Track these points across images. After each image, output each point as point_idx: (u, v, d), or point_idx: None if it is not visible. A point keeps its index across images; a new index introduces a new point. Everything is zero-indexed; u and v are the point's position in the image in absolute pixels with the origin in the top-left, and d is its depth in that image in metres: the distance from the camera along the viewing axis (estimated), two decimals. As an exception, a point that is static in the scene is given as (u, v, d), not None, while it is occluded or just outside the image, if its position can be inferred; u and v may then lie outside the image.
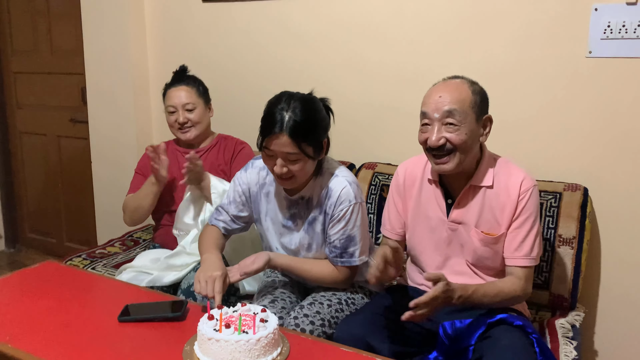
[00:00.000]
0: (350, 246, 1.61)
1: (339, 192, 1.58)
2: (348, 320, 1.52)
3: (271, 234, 1.72)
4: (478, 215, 1.54)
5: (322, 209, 1.62)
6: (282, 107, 1.49)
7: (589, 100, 1.88)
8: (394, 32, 2.18)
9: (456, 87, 1.48)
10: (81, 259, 2.20)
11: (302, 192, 1.64)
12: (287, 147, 1.48)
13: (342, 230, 1.59)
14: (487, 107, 1.53)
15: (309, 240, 1.66)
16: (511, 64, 1.98)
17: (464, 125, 1.45)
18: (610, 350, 1.98)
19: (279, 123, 1.47)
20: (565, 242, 1.81)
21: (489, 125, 1.53)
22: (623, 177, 1.87)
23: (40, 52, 3.28)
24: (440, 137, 1.46)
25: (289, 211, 1.67)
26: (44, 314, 1.44)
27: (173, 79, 2.14)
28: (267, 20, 2.45)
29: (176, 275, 1.90)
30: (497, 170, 1.55)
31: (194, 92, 2.11)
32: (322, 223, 1.63)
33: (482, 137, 1.51)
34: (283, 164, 1.50)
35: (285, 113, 1.47)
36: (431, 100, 1.49)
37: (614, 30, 1.80)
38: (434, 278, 1.37)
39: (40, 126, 3.41)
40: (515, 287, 1.50)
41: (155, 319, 1.40)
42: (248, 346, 1.18)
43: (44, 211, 3.54)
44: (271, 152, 1.51)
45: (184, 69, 2.17)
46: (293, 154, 1.48)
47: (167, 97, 2.11)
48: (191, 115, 2.08)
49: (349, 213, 1.58)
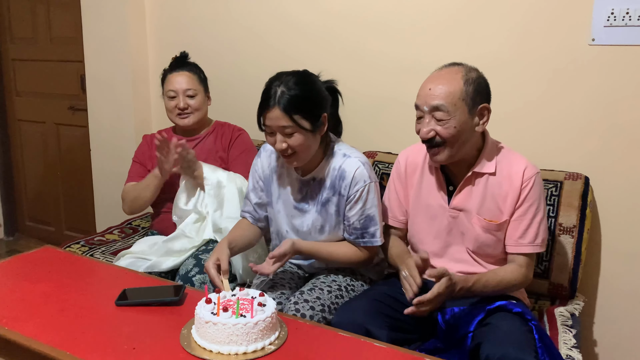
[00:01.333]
0: (370, 226, 1.62)
1: (352, 173, 1.58)
2: (347, 306, 1.51)
3: (282, 217, 1.71)
4: (480, 203, 1.53)
5: (335, 190, 1.62)
6: (276, 83, 1.52)
7: (591, 88, 1.87)
8: (394, 22, 2.16)
9: (448, 79, 1.46)
10: (79, 245, 2.19)
11: (314, 172, 1.64)
12: (281, 120, 1.49)
13: (361, 210, 1.60)
14: (484, 96, 1.49)
15: (322, 222, 1.65)
16: (513, 51, 1.96)
17: (453, 119, 1.44)
18: (609, 339, 1.98)
19: (272, 97, 1.50)
20: (566, 231, 1.80)
21: (486, 114, 1.50)
22: (624, 166, 1.86)
23: (40, 39, 3.26)
24: (429, 130, 1.47)
25: (300, 193, 1.67)
26: (41, 298, 1.44)
27: (173, 64, 2.11)
28: (266, 10, 2.43)
29: (174, 261, 1.89)
30: (500, 158, 1.54)
31: (196, 78, 2.10)
32: (337, 204, 1.63)
33: (478, 127, 1.49)
34: (282, 139, 1.52)
35: (278, 88, 1.50)
36: (422, 93, 1.49)
37: (617, 17, 1.78)
38: (438, 275, 1.38)
39: (39, 114, 3.39)
40: (516, 275, 1.50)
41: (153, 303, 1.40)
42: (245, 330, 1.17)
43: (43, 199, 3.53)
44: (269, 128, 1.53)
45: (185, 55, 2.15)
46: (288, 127, 1.50)
47: (167, 81, 2.09)
48: (192, 101, 2.07)
49: (365, 193, 1.59)
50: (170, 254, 1.90)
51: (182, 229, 1.95)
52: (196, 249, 1.95)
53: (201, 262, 1.84)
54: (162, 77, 2.14)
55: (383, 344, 1.28)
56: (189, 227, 1.95)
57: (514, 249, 1.53)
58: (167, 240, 1.93)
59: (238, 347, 1.17)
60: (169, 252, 1.91)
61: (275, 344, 1.22)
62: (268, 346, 1.20)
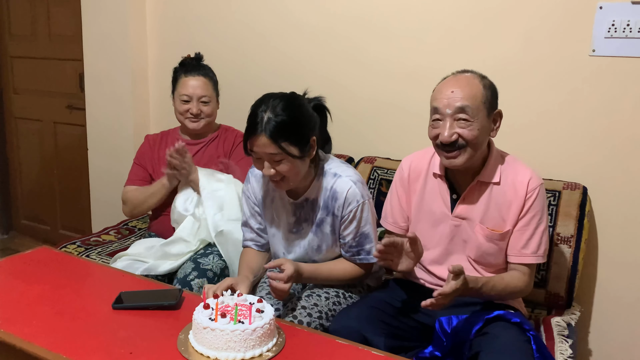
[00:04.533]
0: (365, 243, 1.61)
1: (344, 193, 1.56)
2: (344, 313, 1.51)
3: (278, 240, 1.69)
4: (484, 212, 1.53)
5: (329, 211, 1.60)
6: (262, 108, 1.45)
7: (591, 99, 1.88)
8: (397, 28, 2.16)
9: (467, 82, 1.47)
10: (75, 246, 2.18)
11: (306, 194, 1.62)
12: (268, 148, 1.44)
13: (355, 229, 1.59)
14: (497, 102, 1.52)
15: (318, 242, 1.64)
16: (514, 61, 1.97)
17: (477, 121, 1.44)
18: (605, 349, 1.98)
19: (258, 124, 1.44)
20: (563, 241, 1.80)
21: (499, 120, 1.52)
22: (623, 177, 1.87)
23: (38, 37, 3.25)
24: (452, 133, 1.45)
25: (294, 216, 1.64)
26: (37, 299, 1.43)
27: (189, 66, 2.06)
28: (269, 11, 2.43)
29: (172, 264, 1.88)
30: (505, 167, 1.54)
31: (211, 85, 2.07)
32: (331, 224, 1.61)
33: (492, 132, 1.51)
34: (269, 165, 1.47)
35: (264, 114, 1.44)
36: (443, 96, 1.47)
37: (618, 29, 1.79)
38: (458, 271, 1.36)
39: (37, 112, 3.38)
40: (520, 282, 1.52)
41: (150, 307, 1.39)
42: (243, 336, 1.17)
43: (39, 198, 3.51)
44: (256, 154, 1.48)
45: (200, 57, 2.10)
46: (276, 155, 1.45)
47: (181, 84, 2.04)
48: (205, 108, 2.05)
49: (359, 212, 1.57)
50: (167, 257, 1.89)
51: (180, 233, 1.94)
52: (194, 252, 1.94)
53: (200, 266, 1.83)
54: (173, 77, 2.09)
55: (380, 352, 1.28)
56: (186, 231, 1.94)
57: (517, 259, 1.53)
58: (164, 244, 1.92)
59: (236, 354, 1.17)
60: (166, 255, 1.90)
61: (273, 350, 1.21)
62: (266, 353, 1.20)
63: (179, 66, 2.10)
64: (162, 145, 2.14)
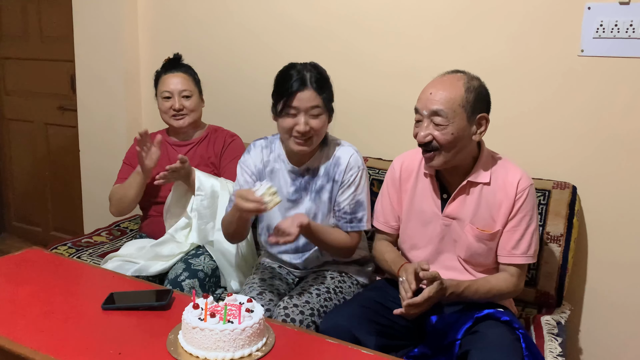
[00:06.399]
0: (359, 211, 1.69)
1: (347, 159, 1.69)
2: (335, 312, 1.51)
3: (274, 211, 1.69)
4: (474, 212, 1.54)
5: (329, 177, 1.70)
6: (298, 69, 1.61)
7: (580, 98, 1.89)
8: (390, 27, 2.17)
9: (450, 84, 1.47)
10: (66, 247, 2.17)
11: (308, 163, 1.71)
12: (313, 101, 1.59)
13: (352, 195, 1.68)
14: (484, 106, 1.50)
15: (315, 210, 1.71)
16: (503, 61, 1.98)
17: (451, 125, 1.45)
18: (595, 347, 2.00)
19: (300, 80, 1.58)
20: (553, 240, 1.81)
21: (484, 124, 1.51)
22: (612, 176, 1.88)
23: (30, 38, 3.23)
24: (426, 134, 1.48)
25: (293, 185, 1.72)
26: (26, 300, 1.42)
27: (167, 66, 2.10)
28: (263, 11, 2.42)
29: (163, 265, 1.88)
30: (495, 168, 1.55)
31: (191, 80, 2.09)
32: (330, 191, 1.70)
33: (475, 136, 1.50)
34: (306, 120, 1.59)
35: (305, 72, 1.60)
36: (423, 96, 1.50)
37: (606, 29, 1.81)
38: (430, 277, 1.39)
39: (28, 113, 3.36)
40: (507, 284, 1.52)
41: (140, 307, 1.39)
42: (233, 336, 1.17)
43: (30, 199, 3.50)
44: (294, 109, 1.59)
45: (179, 56, 2.14)
46: (317, 108, 1.60)
47: (162, 82, 2.08)
48: (187, 102, 2.06)
49: (358, 178, 1.68)
50: (158, 258, 1.89)
51: (172, 234, 1.94)
52: (185, 253, 1.93)
53: (191, 266, 1.83)
54: (155, 79, 2.13)
55: (370, 351, 1.28)
56: (178, 231, 1.94)
57: (507, 259, 1.54)
58: (155, 244, 1.92)
59: (225, 354, 1.17)
60: (157, 256, 1.89)
61: (262, 350, 1.21)
62: (255, 352, 1.20)
63: (160, 68, 2.12)
64: None
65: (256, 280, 1.73)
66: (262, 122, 2.10)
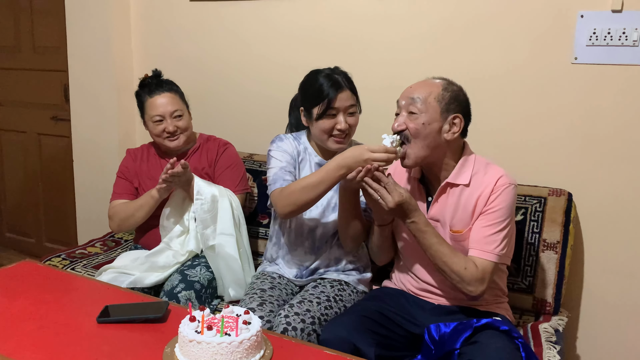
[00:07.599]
0: None
1: None
2: (335, 322, 1.50)
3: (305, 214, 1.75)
4: (452, 214, 1.55)
5: None
6: (327, 74, 1.71)
7: (574, 105, 1.90)
8: (379, 37, 2.17)
9: (430, 83, 1.55)
10: (60, 259, 2.15)
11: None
12: (351, 100, 1.71)
13: None
14: (460, 108, 1.53)
15: (336, 200, 1.74)
16: (497, 69, 1.99)
17: (424, 114, 1.50)
18: (593, 354, 1.99)
19: (336, 83, 1.68)
20: (549, 247, 1.81)
21: (458, 124, 1.52)
22: (607, 182, 1.89)
23: (23, 48, 3.22)
24: (400, 123, 1.53)
25: None
26: (20, 315, 1.40)
27: (151, 86, 2.02)
28: (254, 21, 2.43)
29: (158, 276, 1.86)
30: (477, 170, 1.55)
31: (178, 98, 2.03)
32: None
33: (446, 134, 1.51)
34: (344, 119, 1.69)
35: (336, 75, 1.71)
36: (404, 91, 1.57)
37: (599, 37, 1.82)
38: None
39: (21, 123, 3.33)
40: (470, 272, 1.45)
41: (136, 320, 1.37)
42: (230, 349, 1.16)
43: (23, 210, 3.46)
44: (335, 110, 1.68)
45: (159, 73, 2.07)
46: (353, 106, 1.72)
47: (149, 106, 2.00)
48: (180, 122, 2.01)
49: None
50: (154, 269, 1.87)
51: (167, 242, 1.92)
52: (181, 264, 1.92)
53: (187, 278, 1.82)
54: (139, 101, 2.05)
55: (369, 362, 1.27)
56: (173, 240, 1.93)
57: (474, 251, 1.49)
58: (150, 254, 1.90)
59: (222, 367, 1.15)
60: (152, 267, 1.87)
61: (260, 362, 1.20)
62: (253, 365, 1.19)
63: (140, 88, 2.05)
64: (145, 159, 2.11)
65: (256, 290, 1.72)
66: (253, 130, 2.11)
